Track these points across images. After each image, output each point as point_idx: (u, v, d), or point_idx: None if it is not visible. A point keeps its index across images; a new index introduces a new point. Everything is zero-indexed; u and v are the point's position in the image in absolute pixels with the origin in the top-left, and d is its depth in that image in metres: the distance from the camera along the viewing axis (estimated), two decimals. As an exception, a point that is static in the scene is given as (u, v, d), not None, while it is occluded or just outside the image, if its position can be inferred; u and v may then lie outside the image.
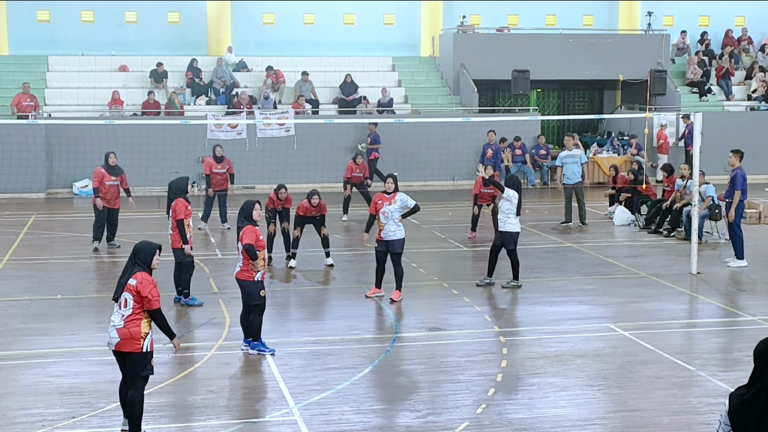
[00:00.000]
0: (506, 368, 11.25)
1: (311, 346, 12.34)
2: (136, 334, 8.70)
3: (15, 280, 16.09)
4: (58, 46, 30.72)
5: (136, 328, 8.70)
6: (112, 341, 8.80)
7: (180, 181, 14.19)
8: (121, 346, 8.73)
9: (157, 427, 9.54)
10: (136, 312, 8.74)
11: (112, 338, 8.79)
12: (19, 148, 24.99)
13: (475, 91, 29.93)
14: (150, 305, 8.76)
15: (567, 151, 21.67)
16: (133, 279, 8.78)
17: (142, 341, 8.72)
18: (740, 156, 17.25)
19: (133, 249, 9.02)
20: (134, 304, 8.73)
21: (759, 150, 28.86)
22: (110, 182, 18.34)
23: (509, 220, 15.14)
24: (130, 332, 8.70)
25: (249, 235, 11.65)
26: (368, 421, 9.69)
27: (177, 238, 13.91)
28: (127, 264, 8.96)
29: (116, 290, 8.88)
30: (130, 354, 8.72)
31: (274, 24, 32.49)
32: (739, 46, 34.48)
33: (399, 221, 14.31)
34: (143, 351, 8.74)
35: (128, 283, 8.78)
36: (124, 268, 8.95)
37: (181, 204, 13.86)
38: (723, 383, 10.74)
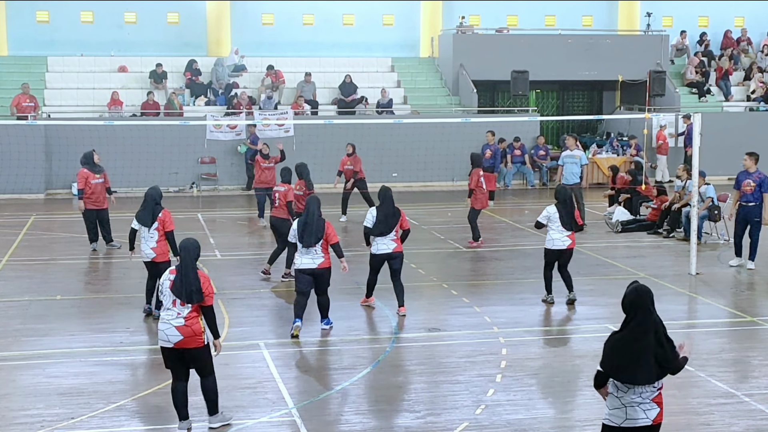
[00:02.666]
0: (505, 369, 11.25)
1: (310, 346, 12.34)
2: (198, 330, 9.10)
3: (14, 280, 16.08)
4: (57, 46, 30.71)
5: (197, 325, 9.10)
6: (171, 339, 9.07)
7: (157, 191, 13.44)
8: (184, 343, 9.05)
9: (156, 428, 9.55)
10: (195, 309, 9.11)
11: (170, 336, 9.06)
12: (18, 148, 24.98)
13: (474, 91, 29.93)
14: (208, 301, 9.14)
15: (568, 151, 21.66)
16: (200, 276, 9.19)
17: (203, 335, 9.14)
18: (756, 158, 16.94)
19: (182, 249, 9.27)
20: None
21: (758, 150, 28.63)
22: (96, 181, 17.90)
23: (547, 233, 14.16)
24: (193, 330, 9.08)
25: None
26: (367, 422, 9.70)
27: (162, 251, 13.02)
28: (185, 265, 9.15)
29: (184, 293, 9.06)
30: (196, 350, 9.11)
31: (274, 24, 32.49)
32: (738, 47, 34.49)
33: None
34: (206, 344, 9.17)
35: None
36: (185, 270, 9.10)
37: (169, 215, 13.21)
38: (722, 384, 10.74)
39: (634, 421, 6.96)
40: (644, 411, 7.00)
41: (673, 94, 31.12)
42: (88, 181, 17.83)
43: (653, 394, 7.04)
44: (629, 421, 6.96)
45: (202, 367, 9.23)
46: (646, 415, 7.00)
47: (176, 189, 27.19)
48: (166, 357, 9.25)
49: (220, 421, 9.38)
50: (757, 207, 16.63)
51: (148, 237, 13.10)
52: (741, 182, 16.80)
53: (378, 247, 13.48)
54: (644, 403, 7.01)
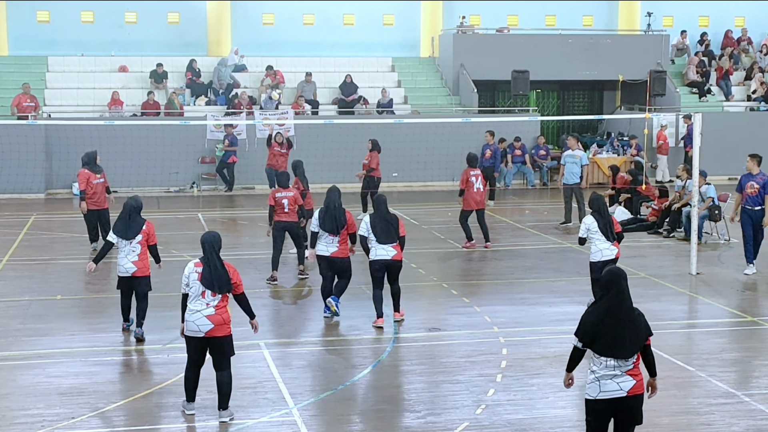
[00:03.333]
0: (506, 369, 11.25)
1: (311, 346, 12.34)
2: (227, 318, 9.50)
3: (14, 280, 16.08)
4: (57, 46, 30.70)
5: (226, 314, 9.49)
6: (202, 328, 9.40)
7: (138, 201, 12.44)
8: (215, 332, 9.41)
9: (157, 428, 9.55)
10: (224, 298, 9.48)
11: (201, 326, 9.39)
12: (18, 148, 24.98)
13: (474, 91, 29.92)
14: (239, 289, 9.63)
15: (569, 151, 21.66)
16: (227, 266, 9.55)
17: (230, 324, 9.49)
18: (759, 160, 16.57)
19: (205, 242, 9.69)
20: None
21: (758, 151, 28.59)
22: (97, 180, 17.63)
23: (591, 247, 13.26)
24: (223, 318, 9.46)
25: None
26: (368, 422, 9.70)
27: (143, 265, 12.20)
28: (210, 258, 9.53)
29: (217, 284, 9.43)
30: (225, 338, 9.47)
31: (274, 24, 32.48)
32: (738, 47, 34.48)
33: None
34: (230, 333, 9.52)
35: None
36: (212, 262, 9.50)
37: (152, 227, 12.39)
38: (723, 384, 10.74)
39: (607, 393, 7.42)
40: (617, 383, 7.42)
41: (674, 94, 31.11)
42: (90, 181, 17.62)
43: (627, 368, 7.45)
44: (603, 394, 7.44)
45: (222, 357, 9.49)
46: (620, 387, 7.42)
47: (176, 189, 27.18)
48: (191, 346, 9.53)
49: (229, 415, 9.58)
50: (763, 211, 16.25)
51: (129, 250, 12.15)
52: (744, 185, 16.44)
53: (377, 252, 13.03)
54: (618, 376, 7.43)
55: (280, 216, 15.73)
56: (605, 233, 13.02)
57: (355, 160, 22.77)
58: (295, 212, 15.82)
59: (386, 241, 12.98)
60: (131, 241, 12.16)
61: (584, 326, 7.55)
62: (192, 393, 9.70)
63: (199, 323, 9.38)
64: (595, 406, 7.50)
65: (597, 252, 13.09)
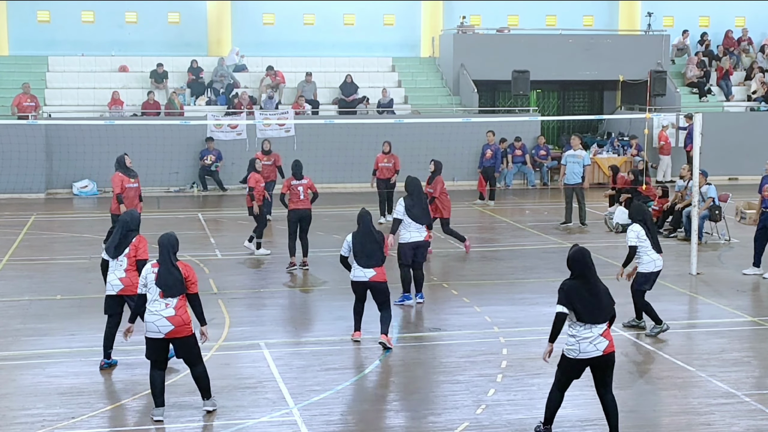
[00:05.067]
0: (506, 369, 11.24)
1: (311, 346, 12.34)
2: (187, 319, 9.41)
3: (14, 280, 16.09)
4: (58, 46, 30.70)
5: (186, 314, 9.39)
6: (162, 330, 9.33)
7: (133, 217, 11.38)
8: (175, 333, 9.34)
9: (156, 428, 9.55)
10: (182, 298, 9.41)
11: (161, 327, 9.32)
12: (19, 148, 24.98)
13: (475, 91, 29.92)
14: (193, 289, 9.48)
15: (571, 151, 21.65)
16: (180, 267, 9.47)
17: (191, 324, 9.42)
18: None
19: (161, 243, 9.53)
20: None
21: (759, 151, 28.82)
22: (130, 185, 16.71)
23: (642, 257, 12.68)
24: (183, 319, 9.38)
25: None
26: (368, 422, 9.69)
27: (131, 282, 11.02)
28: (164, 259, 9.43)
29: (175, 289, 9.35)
30: (186, 338, 9.40)
31: (274, 24, 32.48)
32: (739, 47, 34.48)
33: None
34: (193, 332, 9.49)
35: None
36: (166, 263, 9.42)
37: (145, 242, 11.24)
38: (723, 384, 10.74)
39: (587, 353, 8.69)
40: (595, 345, 8.70)
41: (674, 94, 31.09)
42: (123, 185, 16.66)
43: (602, 330, 8.73)
44: (583, 354, 8.70)
45: (190, 356, 9.50)
46: (596, 348, 8.71)
47: (176, 189, 27.20)
48: (151, 348, 9.49)
49: (212, 405, 9.65)
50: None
51: (116, 265, 11.12)
52: (763, 186, 16.29)
53: (355, 273, 12.17)
54: (595, 338, 8.70)
55: (296, 204, 16.53)
56: (654, 243, 12.57)
57: (356, 160, 22.74)
58: (309, 199, 16.60)
59: (368, 264, 12.05)
60: (118, 256, 11.12)
61: (565, 296, 8.80)
62: (160, 397, 9.53)
63: (159, 324, 9.34)
64: (574, 364, 8.78)
65: (650, 262, 12.56)
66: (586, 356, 8.69)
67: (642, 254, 12.54)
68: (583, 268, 8.91)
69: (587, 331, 8.70)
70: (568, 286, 8.88)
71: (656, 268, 12.64)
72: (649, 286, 12.64)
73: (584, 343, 8.68)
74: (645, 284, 12.65)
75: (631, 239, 12.52)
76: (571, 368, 8.84)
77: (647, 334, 12.69)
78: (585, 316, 8.69)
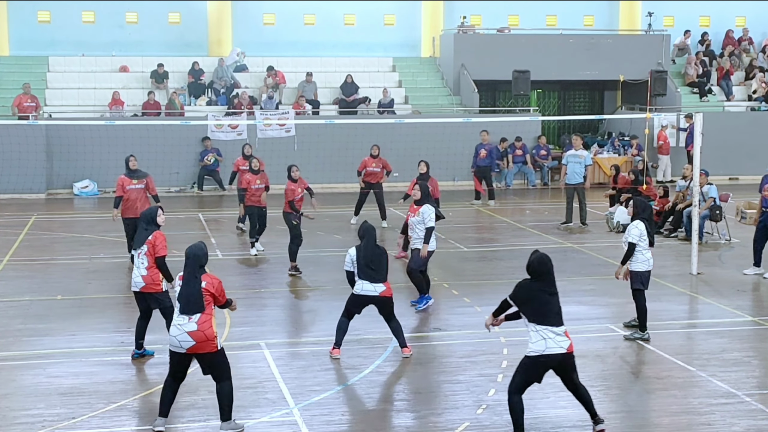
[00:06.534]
0: (507, 369, 11.23)
1: (311, 346, 12.34)
2: (211, 335, 8.99)
3: (15, 280, 16.09)
4: (58, 46, 30.71)
5: (209, 329, 8.99)
6: (183, 345, 8.98)
7: (151, 211, 11.65)
8: (197, 348, 8.98)
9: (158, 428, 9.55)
10: (208, 312, 9.03)
11: (183, 342, 8.97)
12: (19, 148, 24.98)
13: (475, 91, 29.92)
14: (222, 300, 9.26)
15: (572, 150, 21.64)
16: (203, 281, 9.06)
17: (216, 340, 9.03)
18: None
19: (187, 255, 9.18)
20: (206, 304, 9.03)
21: (759, 151, 28.86)
22: (132, 186, 16.55)
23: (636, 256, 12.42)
24: (206, 334, 8.96)
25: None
26: (368, 422, 9.70)
27: (152, 280, 11.33)
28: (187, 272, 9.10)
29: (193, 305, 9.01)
30: (210, 355, 9.03)
31: (275, 24, 32.48)
32: (739, 47, 34.47)
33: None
34: (219, 348, 9.06)
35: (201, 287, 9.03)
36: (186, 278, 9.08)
37: (161, 237, 11.39)
38: (724, 384, 10.73)
39: (552, 349, 8.80)
40: (558, 343, 8.83)
41: (675, 94, 31.09)
42: (124, 187, 16.55)
43: (563, 330, 8.92)
44: (549, 350, 8.80)
45: (218, 372, 9.14)
46: (560, 345, 8.83)
47: (177, 189, 27.20)
48: (172, 360, 9.19)
49: (232, 429, 9.21)
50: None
51: (139, 263, 11.40)
52: (763, 185, 16.26)
53: (363, 287, 11.56)
54: (558, 336, 8.84)
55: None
56: (651, 242, 12.46)
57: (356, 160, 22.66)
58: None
59: (377, 279, 11.60)
60: (139, 253, 11.39)
61: (519, 291, 9.04)
62: (165, 407, 9.26)
63: (181, 339, 8.97)
64: (539, 360, 8.83)
65: (644, 261, 12.37)
66: (551, 352, 8.76)
67: (637, 253, 12.33)
68: (541, 274, 8.96)
69: (550, 330, 8.82)
70: (526, 286, 9.02)
71: (650, 267, 12.48)
72: (645, 285, 12.51)
73: (550, 341, 8.78)
74: (641, 283, 12.44)
75: (633, 236, 12.29)
76: (536, 368, 8.88)
77: (626, 336, 12.58)
78: (537, 317, 8.83)
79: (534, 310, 8.87)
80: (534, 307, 8.88)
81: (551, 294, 8.95)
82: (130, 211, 16.51)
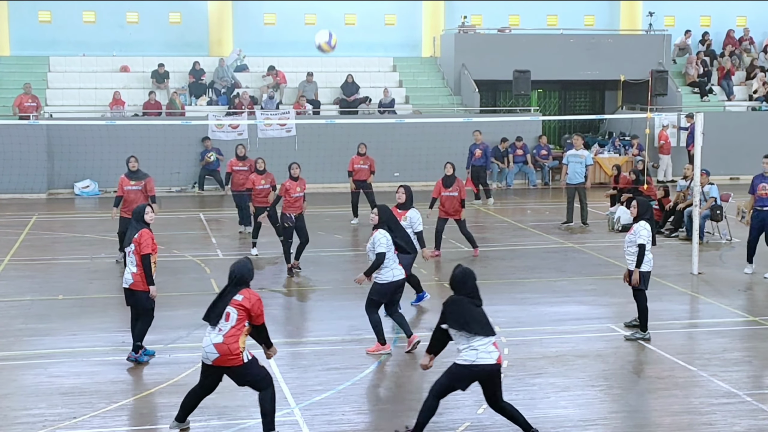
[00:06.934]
0: (507, 369, 11.23)
1: (312, 346, 12.34)
2: (235, 349, 8.83)
3: (16, 280, 16.09)
4: (59, 46, 30.71)
5: (235, 344, 8.83)
6: (209, 356, 8.89)
7: (139, 209, 11.56)
8: (221, 361, 8.86)
9: (158, 427, 9.56)
10: (238, 327, 8.87)
11: (209, 353, 8.87)
12: (20, 148, 25.00)
13: (476, 91, 29.93)
14: (259, 321, 9.01)
15: (573, 150, 21.64)
16: (239, 295, 8.91)
17: (241, 354, 8.87)
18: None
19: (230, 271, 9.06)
20: (238, 318, 8.86)
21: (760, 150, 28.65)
22: (130, 187, 16.60)
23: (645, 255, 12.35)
24: (230, 348, 8.82)
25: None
26: (369, 422, 9.70)
27: (141, 278, 11.27)
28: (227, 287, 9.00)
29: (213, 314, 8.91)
30: (237, 368, 8.90)
31: (275, 24, 32.49)
32: (740, 46, 34.47)
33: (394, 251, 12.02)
34: (245, 362, 8.90)
35: (234, 299, 8.90)
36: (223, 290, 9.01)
37: (146, 236, 11.29)
38: (725, 383, 10.73)
39: (483, 359, 8.71)
40: (489, 353, 8.72)
41: (675, 94, 31.09)
42: (122, 187, 16.63)
43: (493, 341, 8.80)
44: (479, 360, 8.69)
45: (251, 384, 9.02)
46: (491, 356, 8.74)
47: (178, 189, 27.21)
48: (203, 371, 9.08)
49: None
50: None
51: (129, 261, 11.40)
52: (756, 186, 16.19)
53: (394, 273, 11.67)
54: (489, 346, 8.75)
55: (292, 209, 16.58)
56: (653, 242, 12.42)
57: (357, 160, 22.75)
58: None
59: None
60: (129, 251, 11.37)
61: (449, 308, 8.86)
62: (184, 412, 9.17)
63: (208, 351, 8.88)
64: (469, 370, 8.72)
65: (647, 261, 12.32)
66: (482, 362, 8.67)
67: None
68: (468, 287, 8.89)
69: (480, 341, 8.68)
70: (459, 305, 8.85)
71: (650, 267, 12.43)
72: (645, 285, 12.45)
73: (481, 352, 8.67)
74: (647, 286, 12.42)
75: (643, 237, 12.17)
76: (464, 377, 8.78)
77: (627, 336, 12.56)
78: (478, 329, 8.71)
79: (465, 322, 8.72)
80: (465, 319, 8.74)
81: (477, 306, 8.87)
82: (124, 210, 16.55)
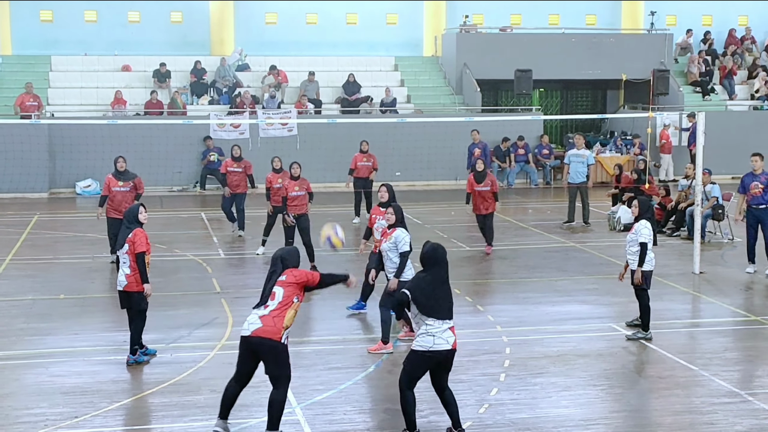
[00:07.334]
0: (509, 368, 11.24)
1: (314, 345, 12.34)
2: (278, 323, 8.88)
3: (18, 279, 16.10)
4: (61, 45, 30.74)
5: (280, 319, 8.90)
6: (250, 327, 8.89)
7: (133, 209, 11.46)
8: (261, 332, 8.83)
9: (159, 427, 9.56)
10: (285, 303, 8.94)
11: (251, 324, 8.89)
12: (21, 147, 25.01)
13: (477, 90, 29.92)
14: (315, 280, 9.17)
15: (575, 150, 21.63)
16: (283, 275, 9.04)
17: (283, 332, 8.89)
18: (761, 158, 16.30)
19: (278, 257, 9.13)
20: (285, 295, 8.95)
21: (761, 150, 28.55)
22: (117, 188, 16.64)
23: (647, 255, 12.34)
24: (274, 321, 8.88)
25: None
26: (370, 421, 9.70)
27: (135, 280, 11.18)
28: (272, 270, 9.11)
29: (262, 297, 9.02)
30: (270, 342, 8.82)
31: (277, 24, 32.50)
32: (742, 46, 34.46)
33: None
34: (282, 341, 8.88)
35: (279, 280, 9.02)
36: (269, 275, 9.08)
37: (141, 235, 11.22)
38: (726, 383, 10.73)
39: (439, 345, 8.78)
40: (445, 339, 8.82)
41: (677, 93, 31.08)
42: (110, 187, 16.66)
43: (451, 325, 8.87)
44: (436, 346, 8.77)
45: (277, 372, 8.87)
46: (447, 341, 8.83)
47: (179, 188, 27.22)
48: (240, 352, 9.03)
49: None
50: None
51: (122, 262, 11.32)
52: (747, 185, 16.21)
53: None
54: (446, 332, 8.82)
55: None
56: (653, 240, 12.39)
57: (358, 159, 22.75)
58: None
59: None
60: (122, 252, 11.30)
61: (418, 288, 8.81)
62: (224, 409, 9.04)
63: (250, 320, 8.92)
64: (425, 356, 8.79)
65: (649, 261, 12.29)
66: (438, 348, 8.74)
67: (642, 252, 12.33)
68: (434, 264, 8.88)
69: (438, 325, 8.75)
70: (423, 281, 8.88)
71: (652, 267, 12.41)
72: (647, 285, 12.42)
73: (438, 338, 8.75)
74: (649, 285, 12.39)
75: (645, 236, 12.17)
76: (421, 363, 8.86)
77: (628, 336, 12.52)
78: (428, 311, 8.74)
79: (426, 302, 8.75)
80: (426, 299, 8.76)
81: (443, 282, 8.85)
82: (114, 211, 16.55)
